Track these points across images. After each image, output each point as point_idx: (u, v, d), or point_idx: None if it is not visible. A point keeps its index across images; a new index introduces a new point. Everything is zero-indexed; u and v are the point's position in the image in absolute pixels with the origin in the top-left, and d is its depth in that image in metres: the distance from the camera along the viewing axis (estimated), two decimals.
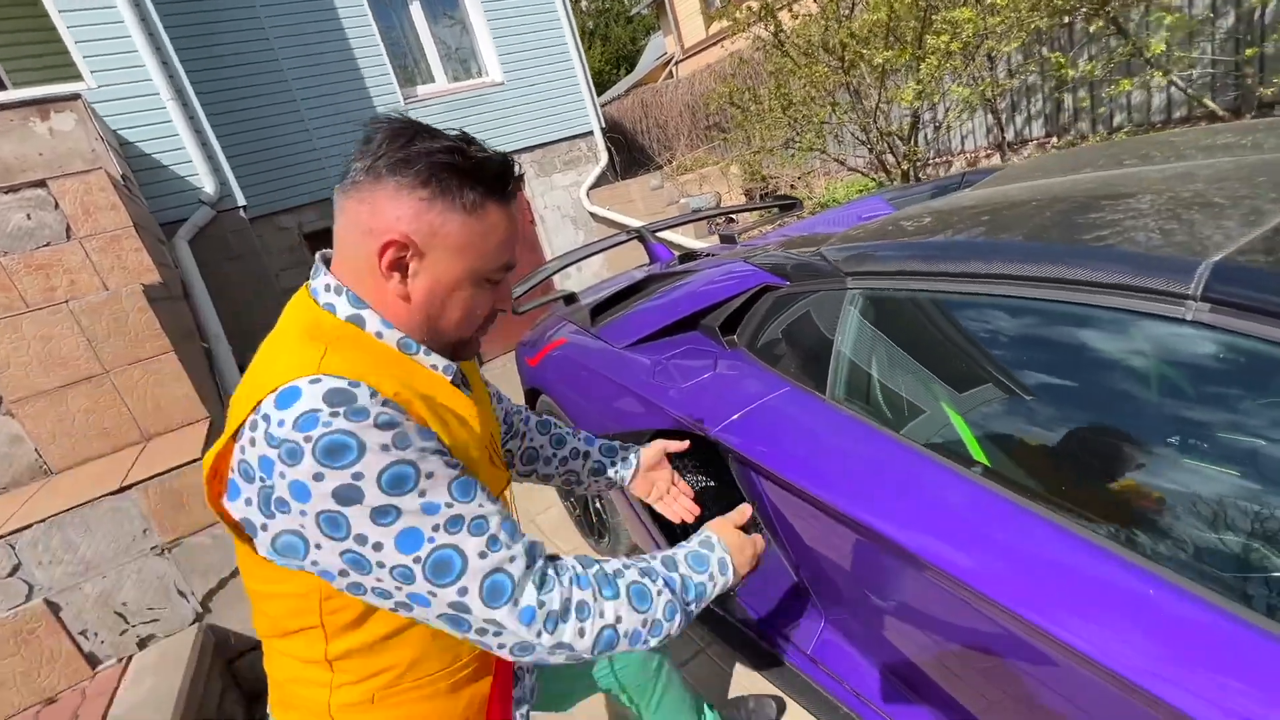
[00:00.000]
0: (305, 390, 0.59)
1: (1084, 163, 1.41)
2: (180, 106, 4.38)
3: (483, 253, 0.69)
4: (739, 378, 1.40)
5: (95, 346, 2.28)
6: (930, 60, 3.78)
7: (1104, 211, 0.98)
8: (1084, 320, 0.88)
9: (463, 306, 0.72)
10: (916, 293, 1.10)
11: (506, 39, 6.87)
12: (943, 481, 0.98)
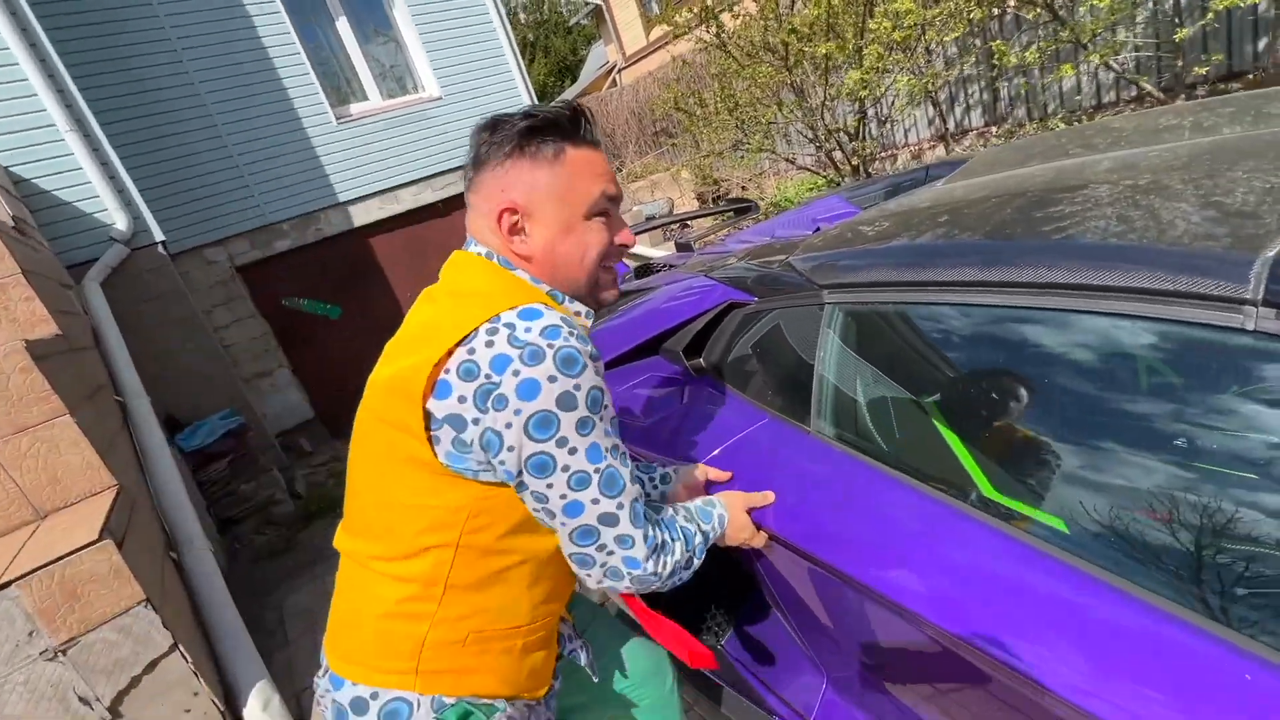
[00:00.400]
0: (544, 311, 0.73)
1: (1058, 148, 1.30)
2: (81, 137, 4.01)
3: (577, 191, 0.79)
4: (709, 408, 1.24)
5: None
6: (872, 49, 3.73)
7: (1114, 203, 0.86)
8: (1111, 333, 0.75)
9: (579, 247, 0.80)
10: (904, 305, 0.96)
11: (442, 53, 6.63)
12: (946, 524, 0.83)
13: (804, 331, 1.14)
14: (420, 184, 6.57)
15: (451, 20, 6.68)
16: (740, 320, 1.31)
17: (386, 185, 6.32)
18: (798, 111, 4.88)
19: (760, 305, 1.27)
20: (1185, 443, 0.69)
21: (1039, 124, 5.72)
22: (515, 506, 0.76)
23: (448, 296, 0.80)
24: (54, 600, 1.64)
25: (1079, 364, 0.79)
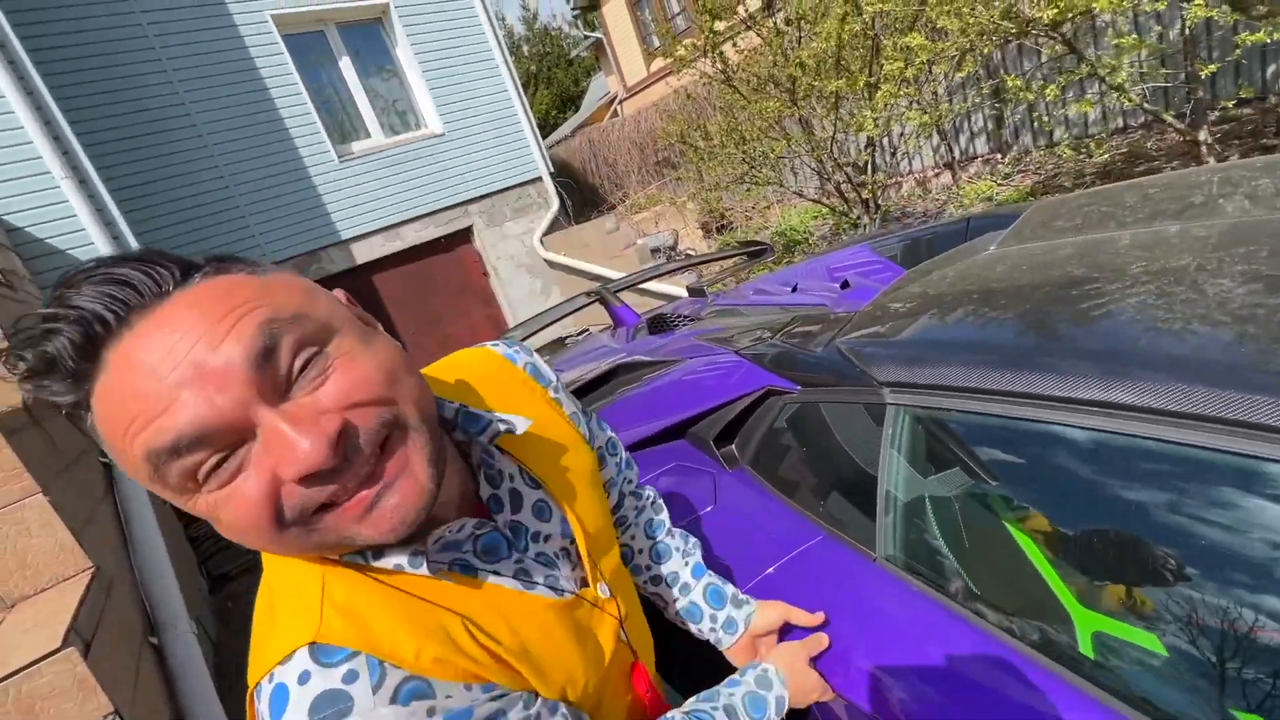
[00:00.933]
0: (291, 691, 0.42)
1: (1125, 209, 1.16)
2: (77, 184, 3.93)
3: (132, 452, 0.39)
4: (751, 515, 1.08)
5: None
6: (886, 87, 3.64)
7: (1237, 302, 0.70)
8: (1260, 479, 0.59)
9: (230, 529, 0.43)
10: (991, 417, 0.80)
11: (444, 89, 6.62)
12: (1053, 692, 0.67)
13: (861, 432, 0.98)
14: (423, 220, 6.50)
15: (454, 58, 6.68)
16: (780, 411, 1.15)
17: (389, 222, 6.25)
18: (804, 144, 4.80)
19: (805, 396, 1.11)
20: None
21: (1046, 150, 5.65)
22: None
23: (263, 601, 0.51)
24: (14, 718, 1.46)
25: (1225, 517, 0.63)
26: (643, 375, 1.58)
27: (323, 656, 0.43)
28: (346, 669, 0.43)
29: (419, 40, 6.46)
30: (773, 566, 0.97)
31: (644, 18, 13.06)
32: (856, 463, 0.97)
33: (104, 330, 0.38)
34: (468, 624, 0.50)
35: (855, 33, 3.91)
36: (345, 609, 0.46)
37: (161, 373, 0.38)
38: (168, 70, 5.11)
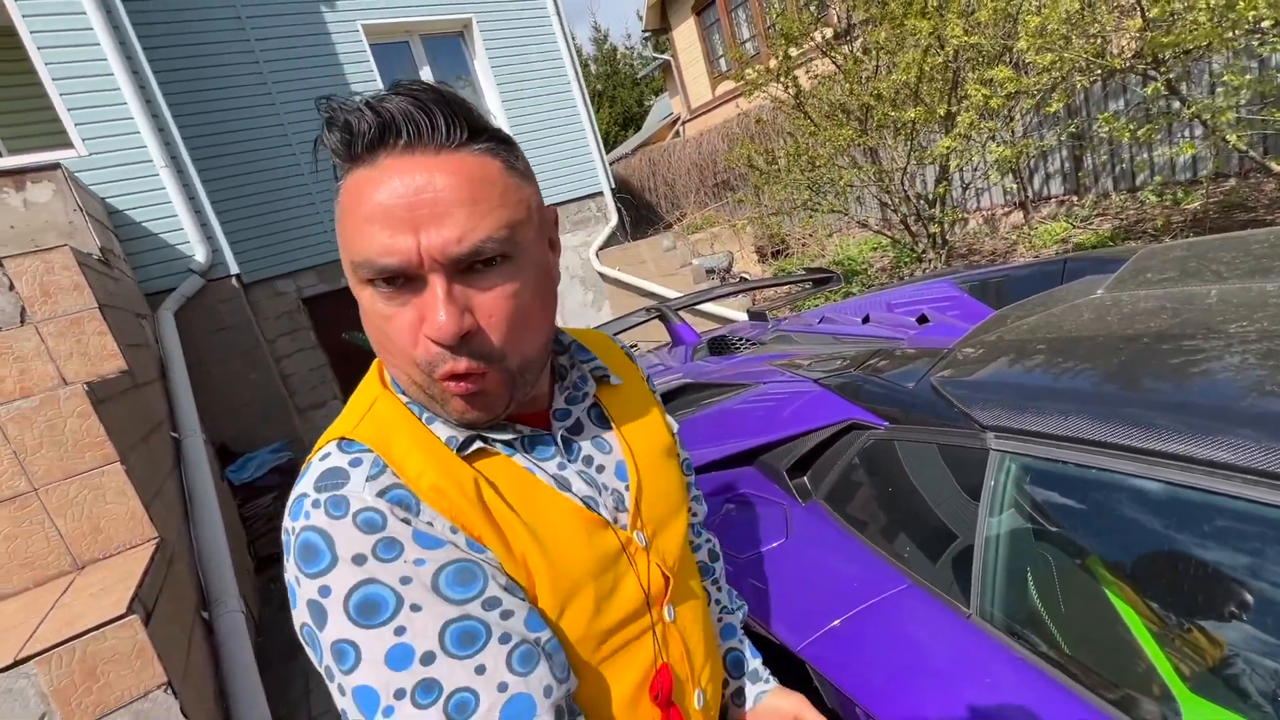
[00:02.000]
0: (314, 465, 0.50)
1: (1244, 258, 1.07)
2: (175, 173, 4.19)
3: (346, 237, 0.48)
4: (826, 554, 1.02)
5: (24, 460, 1.93)
6: (966, 116, 3.54)
7: None
8: None
9: (370, 324, 0.50)
10: (1122, 477, 0.73)
11: (516, 102, 6.80)
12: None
13: (961, 477, 0.92)
14: None
15: (528, 72, 6.87)
16: (865, 445, 1.10)
17: None
18: (871, 174, 4.71)
19: (894, 434, 1.05)
20: None
21: (1127, 195, 5.39)
22: None
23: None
24: (72, 680, 1.51)
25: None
26: (712, 395, 1.54)
27: (344, 446, 0.50)
28: (355, 456, 0.49)
29: (496, 53, 6.67)
30: (852, 610, 0.91)
31: (713, 43, 13.19)
32: (953, 510, 0.91)
33: (393, 140, 0.46)
34: (483, 481, 0.52)
35: (937, 65, 3.83)
36: (381, 421, 0.52)
37: (401, 207, 0.45)
38: (264, 73, 5.42)
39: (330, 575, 0.44)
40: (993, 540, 0.84)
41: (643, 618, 0.59)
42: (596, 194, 7.41)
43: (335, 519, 0.45)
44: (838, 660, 0.88)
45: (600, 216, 7.46)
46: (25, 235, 3.17)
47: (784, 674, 1.01)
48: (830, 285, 2.93)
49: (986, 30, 3.60)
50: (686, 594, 0.66)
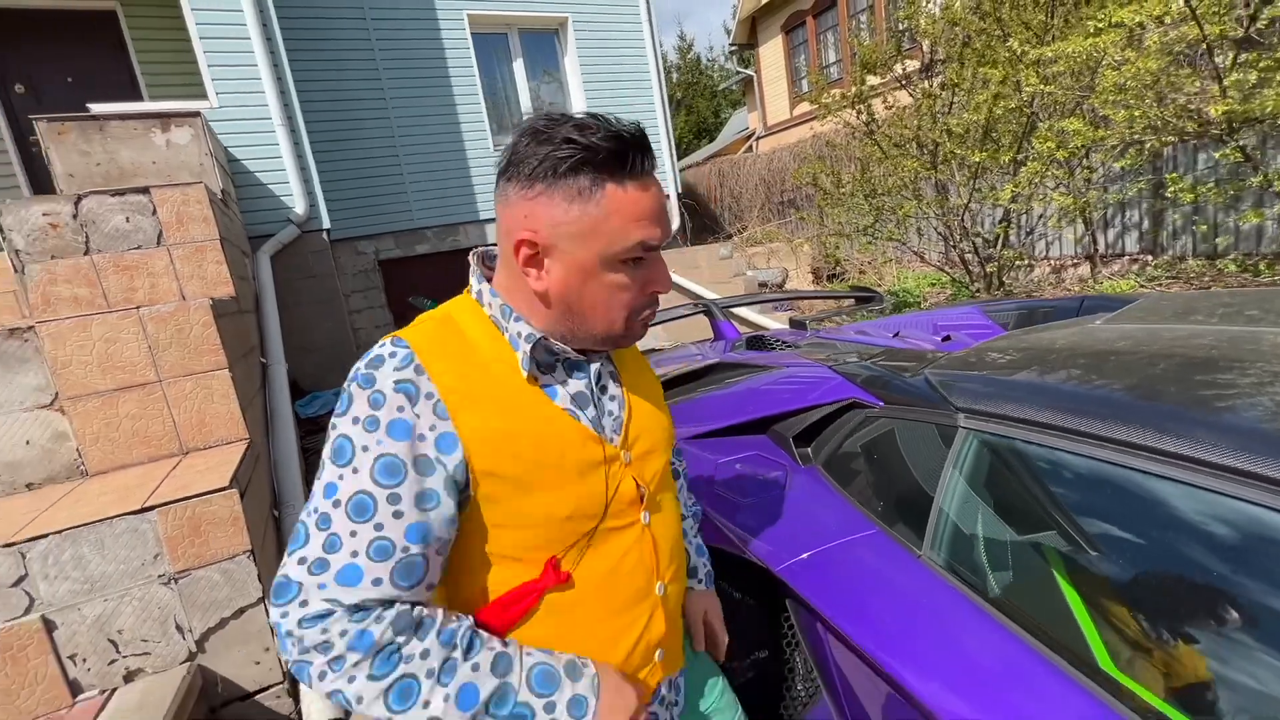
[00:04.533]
0: (373, 349, 0.69)
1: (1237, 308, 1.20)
2: (289, 132, 4.64)
3: (607, 235, 0.67)
4: (813, 505, 1.22)
5: (155, 354, 2.29)
6: (1032, 165, 3.61)
7: None
8: (1261, 524, 0.68)
9: (603, 293, 0.70)
10: (1051, 450, 0.91)
11: (598, 100, 7.12)
12: (1050, 684, 0.77)
13: (929, 450, 1.10)
14: None
15: (613, 72, 7.18)
16: (860, 422, 1.29)
17: None
18: (936, 208, 4.79)
19: (886, 412, 1.24)
20: None
21: (1205, 262, 5.26)
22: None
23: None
24: (181, 531, 1.83)
25: (1228, 552, 0.72)
26: (738, 375, 1.75)
27: (394, 342, 0.68)
28: (394, 351, 0.67)
29: (586, 53, 7.01)
30: (829, 545, 1.10)
31: (798, 63, 13.29)
32: (920, 474, 1.09)
33: (648, 155, 0.69)
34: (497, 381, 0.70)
35: (1011, 109, 3.91)
36: (439, 325, 0.73)
37: (661, 208, 0.70)
38: (374, 49, 5.89)
39: (340, 420, 0.65)
40: (947, 498, 1.02)
41: (623, 516, 0.76)
42: None
43: (361, 389, 0.65)
44: (809, 581, 1.08)
45: None
46: (164, 171, 3.63)
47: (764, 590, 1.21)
48: (872, 304, 3.08)
49: (1064, 80, 3.67)
50: (662, 507, 0.83)
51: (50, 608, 1.73)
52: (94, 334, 2.21)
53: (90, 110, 3.77)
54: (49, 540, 1.72)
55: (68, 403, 2.18)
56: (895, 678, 0.91)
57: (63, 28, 5.37)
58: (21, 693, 1.69)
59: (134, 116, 3.67)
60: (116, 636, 1.78)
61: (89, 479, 2.19)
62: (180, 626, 1.85)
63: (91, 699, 1.76)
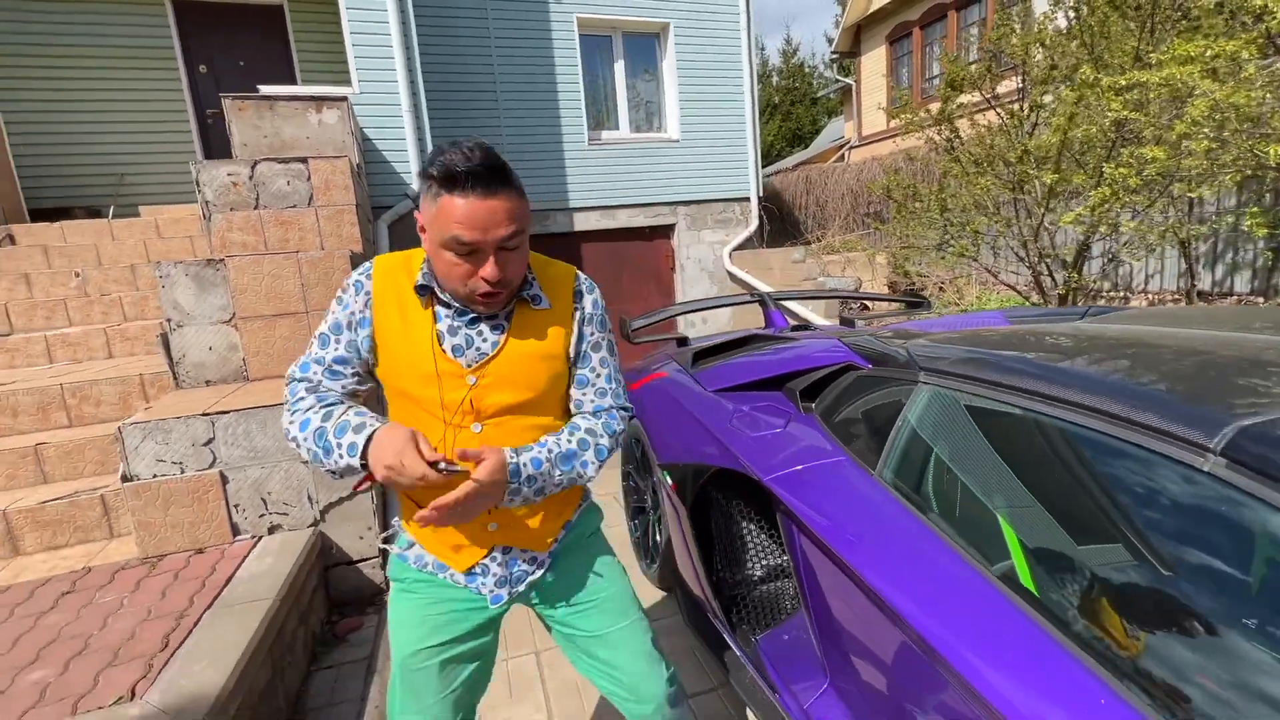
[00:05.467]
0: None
1: (1206, 320, 1.41)
2: (413, 118, 5.29)
3: (436, 227, 0.97)
4: (803, 439, 1.53)
5: (305, 290, 2.86)
6: (1102, 190, 3.65)
7: (1173, 361, 1.04)
8: (1116, 452, 0.95)
9: (443, 265, 1.00)
10: (974, 397, 1.19)
11: (691, 103, 7.48)
12: (959, 573, 1.06)
13: (896, 400, 1.40)
14: (635, 209, 7.42)
15: (708, 77, 7.51)
16: (851, 381, 1.58)
17: (609, 203, 7.25)
18: (1013, 228, 4.82)
19: (871, 372, 1.54)
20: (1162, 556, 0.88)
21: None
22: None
23: None
24: None
25: (1099, 474, 0.99)
26: (771, 344, 2.07)
27: (372, 260, 1.10)
28: (370, 264, 1.09)
29: (684, 57, 7.38)
30: (809, 464, 1.42)
31: (900, 74, 13.09)
32: (886, 417, 1.39)
33: (480, 179, 0.94)
34: (404, 305, 1.06)
35: (1092, 133, 3.94)
36: (403, 257, 1.10)
37: (484, 219, 0.94)
38: (491, 47, 6.51)
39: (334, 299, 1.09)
40: (900, 435, 1.32)
41: (462, 420, 1.05)
42: (743, 199, 7.92)
43: (346, 282, 1.08)
44: (786, 487, 1.40)
45: (742, 220, 7.97)
46: (315, 146, 4.31)
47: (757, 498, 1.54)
48: (921, 309, 3.28)
49: (1151, 107, 3.67)
50: (501, 426, 1.08)
51: (226, 466, 2.29)
52: (264, 269, 2.80)
53: (261, 91, 4.52)
54: (230, 415, 2.28)
55: (240, 321, 2.78)
56: (843, 557, 1.22)
57: (240, 19, 6.31)
58: (201, 525, 2.26)
59: (296, 99, 4.37)
60: (267, 497, 2.33)
61: (250, 382, 2.79)
62: (311, 498, 2.38)
63: (245, 540, 2.32)
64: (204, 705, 1.45)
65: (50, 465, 2.57)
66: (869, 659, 1.21)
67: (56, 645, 1.73)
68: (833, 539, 1.24)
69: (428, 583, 1.13)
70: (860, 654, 1.25)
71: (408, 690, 1.14)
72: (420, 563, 1.14)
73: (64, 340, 3.49)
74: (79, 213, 5.61)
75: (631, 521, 2.67)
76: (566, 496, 1.22)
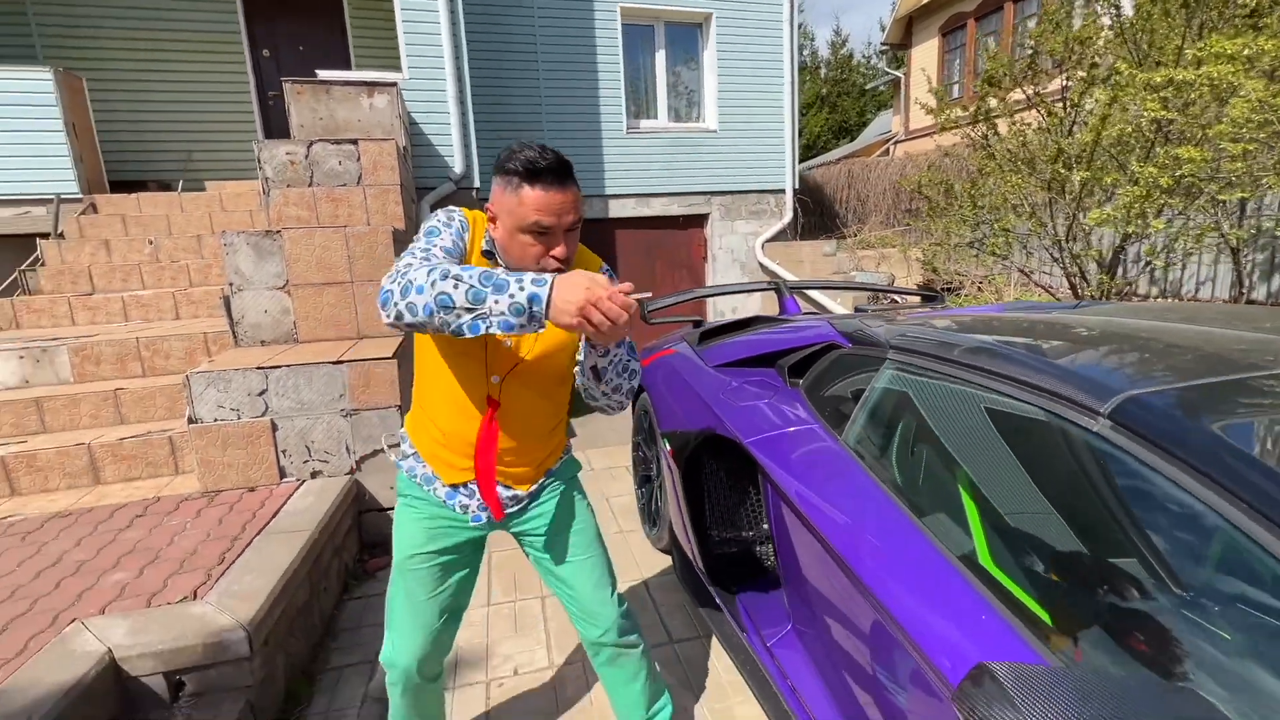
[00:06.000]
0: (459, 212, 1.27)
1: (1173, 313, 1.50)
2: (458, 104, 5.53)
3: (516, 214, 1.11)
4: (784, 409, 1.68)
5: (351, 262, 3.12)
6: (1127, 191, 3.63)
7: (1095, 342, 1.15)
8: (1026, 417, 1.07)
9: (516, 248, 1.15)
10: (923, 373, 1.32)
11: (730, 94, 7.54)
12: (903, 529, 1.20)
13: (866, 374, 1.53)
14: (670, 198, 7.55)
15: (749, 69, 7.55)
16: (833, 359, 1.72)
17: (644, 191, 7.40)
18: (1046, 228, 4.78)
19: (850, 351, 1.67)
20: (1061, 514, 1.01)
21: None
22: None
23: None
24: (359, 381, 2.61)
25: (1013, 433, 1.12)
26: (768, 325, 2.21)
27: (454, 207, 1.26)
28: (460, 211, 1.23)
29: (725, 47, 7.44)
30: (785, 429, 1.57)
31: (952, 67, 12.78)
32: (856, 391, 1.53)
33: (556, 174, 1.12)
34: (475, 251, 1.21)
35: (1128, 133, 3.89)
36: (477, 217, 1.24)
37: (559, 206, 1.12)
38: (535, 35, 6.70)
39: (429, 222, 1.19)
40: (864, 406, 1.45)
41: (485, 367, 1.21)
42: (779, 191, 7.95)
43: (438, 213, 1.21)
44: (762, 449, 1.55)
45: (776, 212, 8.01)
46: (365, 128, 4.58)
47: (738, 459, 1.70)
48: (935, 303, 3.34)
49: (1191, 109, 3.62)
50: (522, 395, 1.26)
51: (276, 415, 2.56)
52: (315, 241, 3.06)
53: (319, 76, 4.81)
54: (281, 370, 2.55)
55: (292, 288, 3.05)
56: (802, 510, 1.37)
57: (301, 7, 6.66)
58: (253, 466, 2.54)
59: (349, 83, 4.65)
60: (310, 445, 2.60)
61: (299, 344, 3.07)
62: (348, 448, 2.64)
63: (290, 482, 2.59)
64: (253, 606, 1.70)
65: (126, 408, 2.90)
66: (821, 603, 1.36)
67: (133, 555, 2.01)
68: (796, 495, 1.39)
69: (424, 500, 1.32)
70: (815, 599, 1.40)
71: (404, 587, 1.34)
72: (412, 473, 1.32)
73: (138, 301, 3.86)
74: (152, 186, 6.08)
75: (639, 490, 2.85)
76: (551, 447, 1.40)
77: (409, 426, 1.35)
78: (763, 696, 1.48)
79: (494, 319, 0.96)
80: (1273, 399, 0.94)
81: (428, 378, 1.27)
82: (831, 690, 1.34)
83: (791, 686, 1.42)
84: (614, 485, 3.36)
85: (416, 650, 1.35)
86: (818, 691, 1.37)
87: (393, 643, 1.36)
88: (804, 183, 11.85)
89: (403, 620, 1.35)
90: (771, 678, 1.49)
